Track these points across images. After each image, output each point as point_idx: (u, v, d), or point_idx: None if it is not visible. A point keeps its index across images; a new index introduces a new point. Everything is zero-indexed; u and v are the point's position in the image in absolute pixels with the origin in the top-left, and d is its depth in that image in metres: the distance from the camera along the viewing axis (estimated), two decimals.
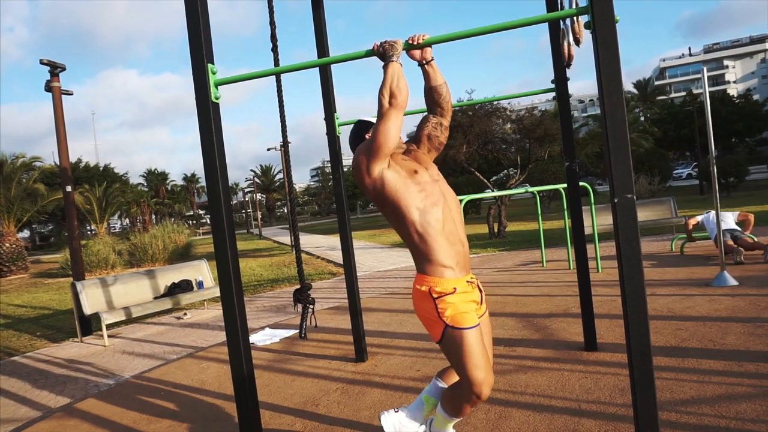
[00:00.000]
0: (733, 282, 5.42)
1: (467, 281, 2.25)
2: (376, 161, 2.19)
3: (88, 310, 6.64)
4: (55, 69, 7.99)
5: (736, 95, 40.02)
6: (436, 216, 2.20)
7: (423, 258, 2.22)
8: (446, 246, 2.20)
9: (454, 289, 2.18)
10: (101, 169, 40.06)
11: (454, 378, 2.40)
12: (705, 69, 6.05)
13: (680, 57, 75.87)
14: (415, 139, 2.48)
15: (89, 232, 36.23)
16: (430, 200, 2.22)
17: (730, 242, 6.71)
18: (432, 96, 2.38)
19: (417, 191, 2.21)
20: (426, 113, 2.48)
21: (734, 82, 69.95)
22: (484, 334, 2.28)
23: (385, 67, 2.21)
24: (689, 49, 78.05)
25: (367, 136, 2.43)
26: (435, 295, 2.18)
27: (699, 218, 7.60)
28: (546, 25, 3.76)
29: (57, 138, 7.99)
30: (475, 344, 2.13)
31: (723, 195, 19.92)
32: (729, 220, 7.15)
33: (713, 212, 6.64)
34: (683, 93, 44.30)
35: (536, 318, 5.01)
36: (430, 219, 2.19)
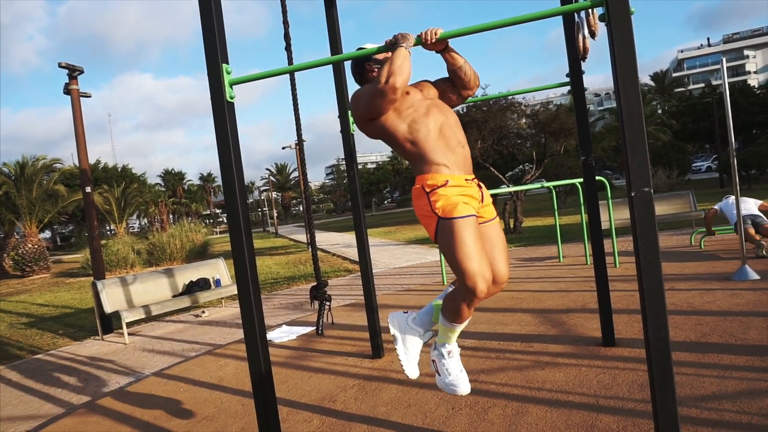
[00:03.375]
0: (754, 276, 5.32)
1: (465, 179, 2.30)
2: (365, 116, 2.39)
3: (108, 308, 6.75)
4: (74, 72, 8.11)
5: (756, 86, 39.23)
6: (427, 124, 2.31)
7: (418, 161, 2.31)
8: (441, 148, 2.28)
9: (446, 181, 2.23)
10: (119, 170, 40.54)
11: None
12: (724, 60, 5.93)
13: (698, 48, 74.43)
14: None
15: (109, 232, 36.77)
16: (420, 112, 2.34)
17: (751, 230, 6.47)
18: (455, 77, 2.47)
19: (404, 109, 2.34)
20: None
21: (755, 72, 68.52)
22: (493, 238, 2.36)
23: (393, 52, 2.26)
24: (708, 39, 76.50)
25: (367, 65, 2.54)
26: (427, 189, 2.24)
27: (717, 206, 7.29)
28: (557, 19, 3.73)
29: (76, 139, 8.12)
30: (467, 234, 2.14)
31: (744, 188, 19.53)
32: (750, 205, 6.81)
33: (732, 197, 6.37)
34: (702, 84, 43.52)
35: (553, 313, 4.98)
36: (420, 127, 2.30)
